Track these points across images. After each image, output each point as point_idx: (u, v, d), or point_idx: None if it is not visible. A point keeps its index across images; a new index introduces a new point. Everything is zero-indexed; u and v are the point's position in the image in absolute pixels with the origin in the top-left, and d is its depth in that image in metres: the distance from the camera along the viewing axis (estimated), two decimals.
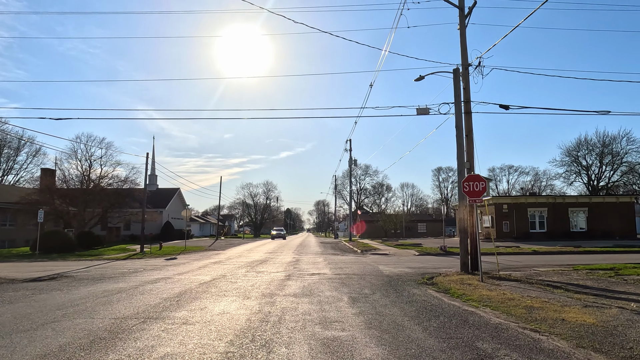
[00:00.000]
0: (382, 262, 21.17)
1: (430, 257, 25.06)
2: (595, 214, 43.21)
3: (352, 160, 47.52)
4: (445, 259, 22.85)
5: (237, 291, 11.65)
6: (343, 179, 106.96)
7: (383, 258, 24.48)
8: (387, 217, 63.72)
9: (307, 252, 31.17)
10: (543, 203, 43.55)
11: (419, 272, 16.51)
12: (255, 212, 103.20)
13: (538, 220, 43.46)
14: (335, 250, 33.91)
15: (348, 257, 26.02)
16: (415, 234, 75.57)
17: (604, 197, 44.62)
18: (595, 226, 42.88)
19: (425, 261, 21.77)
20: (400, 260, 22.85)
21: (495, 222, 43.30)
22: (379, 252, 29.93)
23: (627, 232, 42.82)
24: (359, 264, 20.21)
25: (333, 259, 24.26)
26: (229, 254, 29.51)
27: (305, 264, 20.39)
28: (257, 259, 24.06)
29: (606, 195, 44.69)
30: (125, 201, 42.65)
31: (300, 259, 24.34)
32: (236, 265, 19.99)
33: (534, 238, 41.78)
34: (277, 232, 68.85)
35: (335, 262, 21.88)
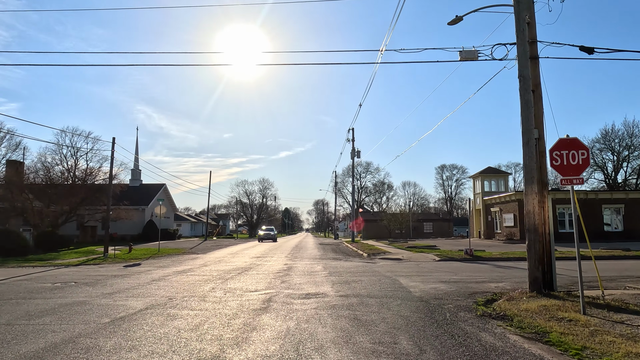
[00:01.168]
0: (401, 272, 15.95)
1: (457, 263, 19.89)
2: (633, 212, 37.98)
3: (355, 152, 42.38)
4: (478, 267, 17.67)
5: (150, 350, 6.41)
6: (343, 177, 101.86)
7: (398, 265, 19.28)
8: (392, 216, 58.56)
9: (303, 255, 25.96)
10: (568, 199, 38.18)
11: (462, 290, 11.35)
12: (251, 211, 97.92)
13: (567, 218, 38.25)
14: (336, 253, 28.70)
15: (353, 263, 20.82)
16: (421, 234, 70.40)
17: None
18: (634, 225, 37.69)
19: (455, 270, 16.58)
20: (422, 268, 17.66)
21: (519, 221, 38.07)
22: (390, 256, 24.74)
23: None
24: (371, 275, 14.98)
25: (335, 266, 19.06)
26: (208, 258, 24.31)
27: (299, 276, 15.16)
28: (238, 267, 18.86)
29: None
30: (96, 197, 37.39)
31: (293, 266, 19.13)
32: (205, 277, 14.77)
33: (563, 239, 36.52)
34: (265, 232, 53.17)
35: (338, 271, 16.66)
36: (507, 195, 40.48)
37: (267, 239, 51.53)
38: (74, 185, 36.02)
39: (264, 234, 52.64)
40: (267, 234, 52.72)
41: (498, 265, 18.58)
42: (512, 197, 38.34)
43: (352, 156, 42.68)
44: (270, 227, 57.33)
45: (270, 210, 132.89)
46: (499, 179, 46.72)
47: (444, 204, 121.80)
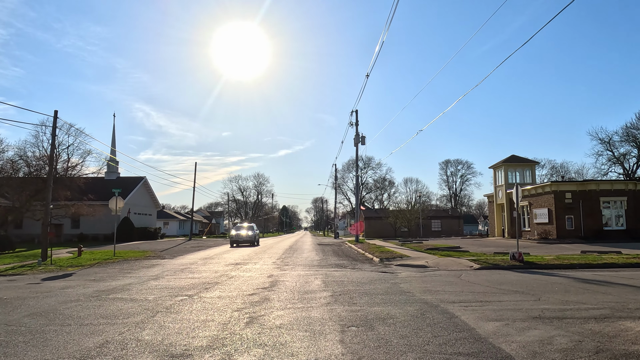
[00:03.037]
0: (445, 294, 10.15)
1: (511, 275, 14.12)
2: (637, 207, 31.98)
3: (360, 137, 36.42)
4: (553, 283, 11.87)
5: None
6: (343, 172, 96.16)
7: (429, 277, 13.47)
8: (399, 212, 52.77)
9: (297, 261, 20.12)
10: (621, 191, 32.40)
11: (597, 345, 5.47)
12: (246, 208, 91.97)
13: (614, 213, 32.36)
14: (339, 257, 22.85)
15: (365, 273, 14.98)
16: (429, 232, 64.54)
17: None
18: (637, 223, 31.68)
19: (526, 288, 10.82)
20: (471, 284, 11.86)
21: (556, 217, 32.19)
22: (410, 261, 18.93)
23: None
24: (403, 303, 9.13)
25: (341, 279, 13.21)
26: (171, 265, 18.47)
27: (284, 305, 9.30)
28: (198, 281, 13.04)
29: None
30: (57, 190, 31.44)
31: (280, 280, 13.28)
32: (127, 308, 8.95)
33: (610, 238, 30.80)
34: (238, 233, 34.84)
35: (346, 291, 10.82)
36: (539, 186, 34.57)
37: (243, 242, 33.63)
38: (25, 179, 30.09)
39: (235, 234, 34.15)
40: (240, 235, 34.01)
41: (578, 279, 12.77)
42: (545, 189, 32.50)
43: (356, 142, 36.73)
44: (249, 225, 37.23)
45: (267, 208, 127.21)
46: (524, 169, 40.73)
47: (448, 201, 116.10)
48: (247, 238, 33.94)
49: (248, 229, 35.53)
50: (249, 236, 34.17)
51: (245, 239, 33.80)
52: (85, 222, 42.72)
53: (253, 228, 36.21)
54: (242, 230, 35.28)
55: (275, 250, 28.48)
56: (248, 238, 34.02)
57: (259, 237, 38.17)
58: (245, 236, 34.04)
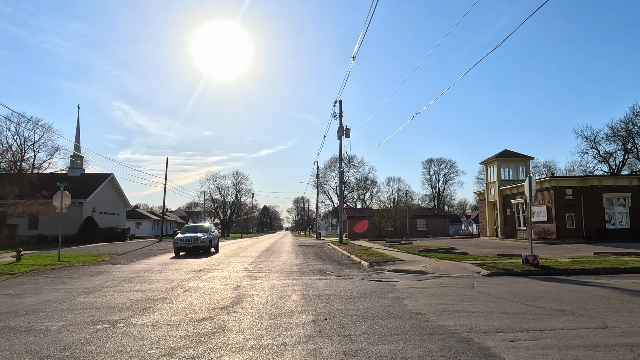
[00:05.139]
0: (468, 314, 7.44)
1: (534, 283, 11.55)
2: None
3: (343, 130, 33.65)
4: (593, 293, 9.32)
5: None
6: (325, 171, 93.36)
7: (436, 289, 10.76)
8: (385, 211, 50.18)
9: (273, 266, 17.22)
10: (625, 187, 30.26)
11: None
12: (224, 207, 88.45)
13: (617, 211, 30.20)
14: (322, 261, 20.03)
15: (354, 282, 12.18)
16: (415, 232, 62.18)
17: None
18: None
19: (561, 302, 8.33)
20: (495, 298, 9.16)
21: (555, 215, 29.88)
22: (405, 266, 16.23)
23: None
24: (419, 335, 6.37)
25: (325, 292, 10.39)
26: (125, 272, 15.39)
27: (243, 339, 6.47)
28: (146, 296, 10.09)
29: None
30: None
31: (247, 293, 10.41)
32: (17, 346, 5.92)
33: (613, 237, 28.64)
34: (183, 235, 24.78)
35: (336, 313, 8.03)
36: (536, 182, 32.18)
37: (192, 249, 24.01)
38: None
39: (182, 237, 24.36)
40: (188, 239, 24.05)
41: (624, 290, 10.23)
42: (544, 185, 30.20)
43: (340, 135, 33.92)
44: (202, 226, 27.71)
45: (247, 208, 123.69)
46: (518, 165, 38.46)
47: (431, 200, 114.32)
48: (198, 243, 23.93)
49: (200, 231, 25.62)
50: (201, 240, 24.02)
51: (197, 245, 23.93)
52: (44, 222, 39.03)
53: (208, 229, 26.44)
54: (190, 233, 25.15)
55: (250, 253, 25.48)
56: (200, 243, 23.99)
57: (217, 241, 28.31)
58: (195, 240, 23.92)
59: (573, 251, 21.69)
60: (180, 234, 25.53)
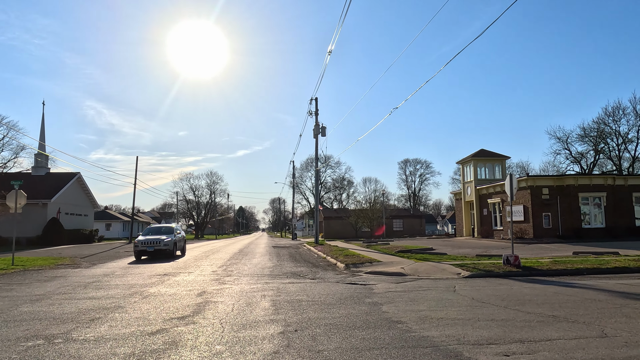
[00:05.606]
0: (453, 322, 6.76)
1: (511, 283, 11.01)
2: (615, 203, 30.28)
3: (320, 128, 32.88)
4: (582, 296, 8.80)
5: None
6: (301, 171, 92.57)
7: (419, 292, 10.07)
8: (361, 212, 49.61)
9: (244, 269, 16.31)
10: (600, 186, 30.31)
11: None
12: (198, 208, 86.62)
13: (593, 211, 30.24)
14: (296, 262, 19.20)
15: (330, 286, 11.40)
16: (391, 232, 61.91)
17: None
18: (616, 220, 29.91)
19: (550, 306, 7.68)
20: (480, 303, 8.52)
21: (532, 215, 29.72)
22: (383, 267, 15.56)
23: None
24: (401, 348, 5.60)
25: (297, 296, 9.59)
26: (82, 276, 14.21)
27: (198, 357, 5.52)
28: (99, 304, 9.12)
29: None
30: None
31: (210, 301, 9.50)
32: None
33: (589, 237, 28.62)
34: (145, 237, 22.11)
35: (308, 322, 7.22)
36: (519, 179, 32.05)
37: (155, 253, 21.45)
38: None
39: (143, 240, 21.57)
40: (151, 241, 21.46)
41: (611, 291, 9.73)
42: (521, 184, 30.01)
43: (316, 133, 33.15)
44: (166, 227, 24.85)
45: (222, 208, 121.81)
46: (494, 164, 38.35)
47: (407, 201, 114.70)
48: (161, 246, 21.30)
49: (164, 232, 23.22)
50: (164, 243, 21.42)
51: (160, 248, 21.28)
52: (3, 223, 36.98)
53: (173, 231, 23.76)
54: (153, 235, 22.73)
55: (221, 255, 24.43)
56: (163, 246, 21.38)
57: (184, 243, 25.69)
58: (158, 243, 21.28)
59: (552, 251, 21.42)
60: (142, 236, 23.03)
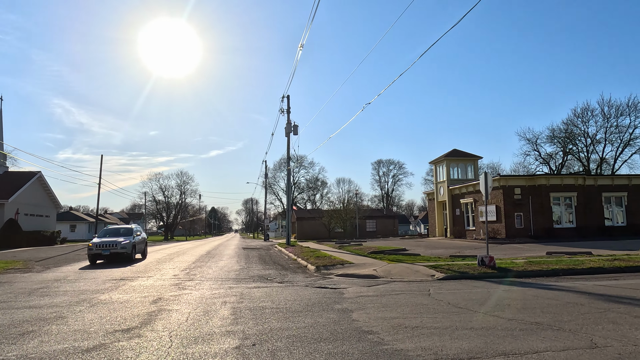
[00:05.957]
0: (429, 331, 6.13)
1: (487, 285, 10.56)
2: (637, 202, 30.97)
3: (292, 126, 32.12)
4: (562, 299, 8.33)
5: None
6: (274, 172, 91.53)
7: (391, 297, 9.46)
8: (334, 212, 49.05)
9: (208, 273, 15.41)
10: (571, 186, 30.52)
11: None
12: (168, 209, 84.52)
13: (564, 210, 30.41)
14: (265, 265, 18.39)
15: (299, 291, 10.67)
16: (364, 233, 61.58)
17: None
18: (638, 219, 30.61)
19: (531, 311, 7.15)
20: (457, 308, 7.93)
21: (504, 214, 29.67)
22: (355, 270, 14.93)
23: None
24: None
25: (262, 303, 8.83)
26: (31, 281, 13.09)
27: None
28: (36, 314, 8.16)
29: None
30: None
31: (164, 309, 8.63)
32: None
33: (560, 236, 28.74)
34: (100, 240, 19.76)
35: (269, 333, 6.49)
36: None
37: (111, 257, 19.38)
38: None
39: (98, 243, 19.35)
40: (106, 243, 19.27)
41: (591, 294, 9.33)
42: (494, 184, 29.92)
43: (288, 132, 32.38)
44: (125, 228, 22.47)
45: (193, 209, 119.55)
46: (467, 164, 38.31)
47: (380, 201, 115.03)
48: (118, 249, 19.23)
49: (122, 234, 21.16)
50: (121, 246, 19.35)
51: (116, 251, 19.21)
52: None
53: (132, 232, 21.57)
54: (110, 237, 20.58)
55: (187, 258, 23.38)
56: (120, 249, 19.31)
57: (145, 246, 23.56)
58: (114, 246, 19.18)
59: (525, 251, 21.23)
60: (97, 238, 20.58)
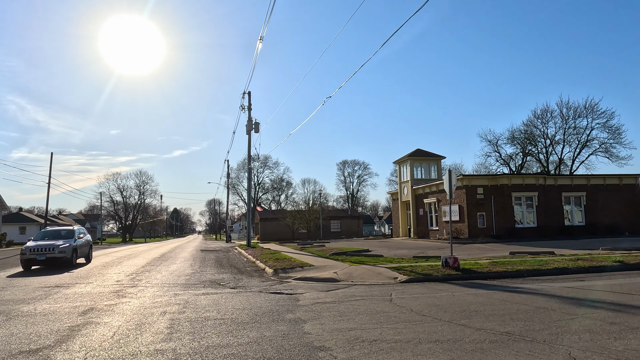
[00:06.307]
0: (388, 345, 5.36)
1: (452, 289, 9.98)
2: (595, 202, 31.50)
3: (252, 123, 31.01)
4: (532, 304, 7.75)
5: None
6: (238, 171, 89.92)
7: (350, 304, 8.69)
8: (298, 213, 48.20)
9: (155, 278, 14.25)
10: (532, 186, 30.67)
11: None
12: (126, 210, 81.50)
13: (526, 210, 30.54)
14: (221, 268, 17.33)
15: (250, 297, 9.76)
16: (329, 233, 60.97)
17: (604, 178, 33.11)
18: (597, 218, 31.12)
19: (498, 318, 6.51)
20: (419, 316, 7.21)
21: (467, 214, 29.54)
22: (315, 273, 14.14)
23: (635, 224, 31.71)
24: None
25: (205, 313, 7.85)
26: None
27: None
28: None
29: (607, 176, 33.22)
30: None
31: (91, 322, 7.53)
32: None
33: (522, 236, 28.84)
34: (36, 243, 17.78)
35: (204, 352, 5.48)
36: None
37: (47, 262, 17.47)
38: None
39: (33, 247, 17.31)
40: (41, 247, 17.33)
41: (561, 297, 8.83)
42: (457, 183, 29.71)
43: (249, 129, 31.24)
44: (66, 230, 20.45)
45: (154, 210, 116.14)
46: (430, 164, 38.22)
47: (345, 202, 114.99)
48: (55, 253, 17.36)
49: (63, 237, 19.19)
50: (60, 250, 17.50)
51: (53, 255, 17.34)
52: None
53: (73, 234, 19.58)
54: (48, 240, 18.47)
55: (137, 261, 21.99)
56: (59, 253, 17.44)
57: (89, 249, 21.59)
58: (51, 250, 17.33)
59: (488, 251, 20.97)
60: (33, 241, 18.38)
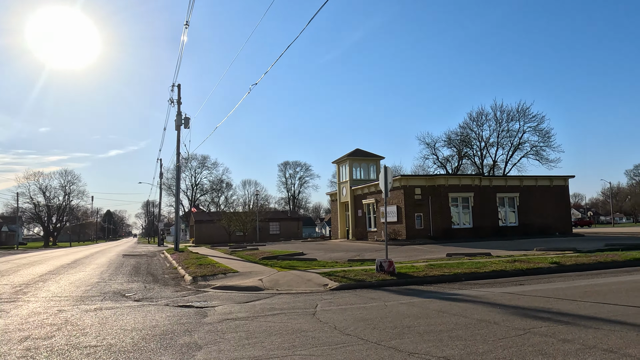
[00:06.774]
0: None
1: (385, 297, 8.89)
2: (528, 203, 32.01)
3: (182, 118, 28.83)
4: (473, 316, 6.67)
5: None
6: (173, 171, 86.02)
7: (265, 320, 7.30)
8: (234, 215, 46.22)
9: (49, 289, 12.21)
10: (468, 186, 30.61)
11: None
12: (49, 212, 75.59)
13: (462, 211, 30.41)
14: (134, 276, 15.39)
15: (149, 314, 8.12)
16: (267, 236, 59.30)
17: (536, 179, 33.73)
18: (529, 219, 31.57)
19: (435, 336, 5.35)
20: (343, 335, 5.94)
21: (405, 215, 28.96)
22: (237, 281, 12.69)
23: (565, 224, 32.51)
24: None
25: (82, 337, 6.17)
26: None
27: None
28: None
29: (539, 177, 33.86)
30: None
31: None
32: None
33: (458, 237, 28.68)
34: None
35: None
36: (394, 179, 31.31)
37: None
38: None
39: None
40: None
41: (506, 306, 7.96)
42: (394, 184, 29.20)
43: (178, 124, 29.05)
44: None
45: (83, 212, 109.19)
46: (369, 164, 37.62)
47: (287, 203, 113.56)
48: None
49: None
50: None
51: None
52: None
53: None
54: None
55: (41, 268, 19.44)
56: None
57: None
58: None
59: (425, 252, 20.34)
60: None
